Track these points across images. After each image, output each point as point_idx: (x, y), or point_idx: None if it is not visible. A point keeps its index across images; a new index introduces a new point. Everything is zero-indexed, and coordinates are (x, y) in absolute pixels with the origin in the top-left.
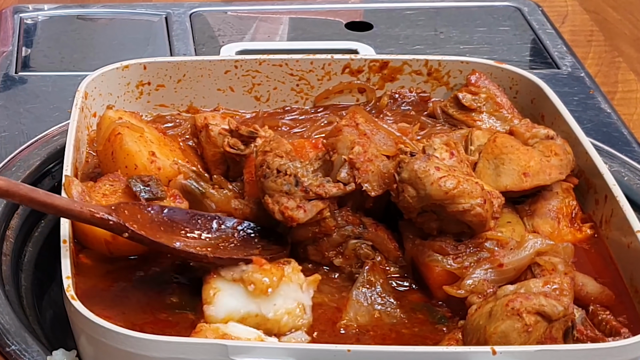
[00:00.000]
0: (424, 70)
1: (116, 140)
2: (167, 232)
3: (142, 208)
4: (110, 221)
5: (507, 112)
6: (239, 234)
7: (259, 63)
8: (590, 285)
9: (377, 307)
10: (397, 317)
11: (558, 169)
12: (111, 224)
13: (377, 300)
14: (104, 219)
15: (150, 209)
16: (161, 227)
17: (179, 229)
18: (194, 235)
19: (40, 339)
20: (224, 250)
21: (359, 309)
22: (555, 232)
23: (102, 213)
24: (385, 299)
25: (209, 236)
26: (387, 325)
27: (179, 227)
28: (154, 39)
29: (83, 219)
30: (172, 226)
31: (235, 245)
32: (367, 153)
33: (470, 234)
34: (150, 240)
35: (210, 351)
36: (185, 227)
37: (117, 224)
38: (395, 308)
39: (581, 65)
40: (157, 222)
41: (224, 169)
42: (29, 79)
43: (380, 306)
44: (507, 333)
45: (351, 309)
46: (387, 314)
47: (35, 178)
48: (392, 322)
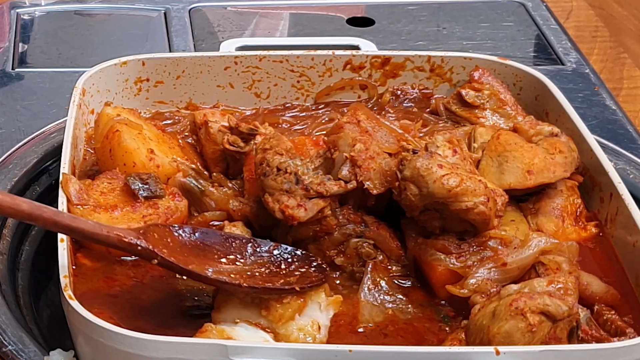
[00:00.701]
0: (426, 66)
1: (114, 137)
2: (199, 257)
3: (172, 231)
4: (139, 247)
5: (511, 108)
6: (275, 258)
7: (259, 59)
8: (595, 285)
9: (388, 305)
10: (410, 312)
11: (562, 166)
12: (139, 250)
13: (387, 299)
14: (132, 244)
15: (182, 231)
16: (192, 251)
17: (212, 252)
18: (227, 259)
19: (38, 339)
20: (259, 277)
21: (372, 310)
22: (559, 230)
23: (130, 238)
24: (395, 297)
25: (243, 261)
26: (402, 321)
27: (212, 251)
28: (153, 35)
29: (110, 243)
30: (205, 249)
31: (271, 271)
32: (368, 150)
33: (474, 232)
34: (180, 268)
35: (210, 351)
36: (218, 250)
37: (146, 250)
38: (407, 304)
39: (586, 62)
40: (188, 245)
41: (224, 166)
42: (26, 75)
43: (391, 304)
44: (510, 333)
45: (364, 310)
46: (400, 310)
47: (32, 176)
48: (407, 317)
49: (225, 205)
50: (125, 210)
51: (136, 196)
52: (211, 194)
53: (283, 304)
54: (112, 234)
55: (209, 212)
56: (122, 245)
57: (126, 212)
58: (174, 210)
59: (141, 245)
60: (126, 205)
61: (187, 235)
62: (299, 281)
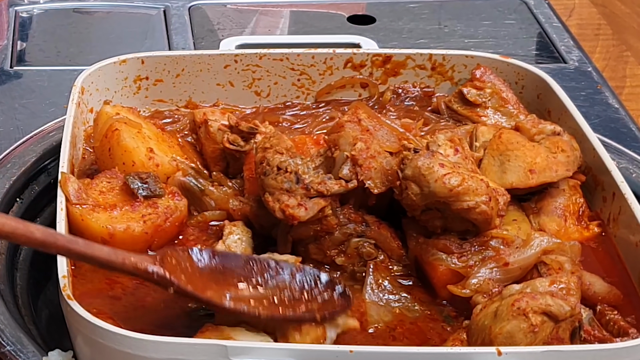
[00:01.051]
0: (427, 64)
1: (113, 136)
2: (218, 282)
3: (192, 255)
4: (155, 275)
5: (513, 107)
6: (297, 282)
7: (259, 57)
8: (598, 285)
9: (394, 304)
10: (418, 311)
11: (565, 165)
12: (156, 278)
13: (392, 298)
14: (148, 272)
15: (201, 255)
16: (212, 275)
17: (231, 276)
18: (247, 283)
19: (36, 340)
20: (280, 303)
21: (379, 310)
22: (562, 230)
23: (146, 264)
24: (399, 295)
25: (264, 285)
26: (409, 320)
27: (231, 275)
28: (152, 33)
29: (126, 270)
30: (224, 273)
31: (292, 296)
32: (369, 149)
33: (475, 232)
34: (197, 297)
35: (210, 352)
36: (238, 274)
37: (162, 278)
38: (412, 302)
39: (588, 60)
40: (207, 270)
41: (224, 165)
42: (24, 74)
43: (397, 303)
44: (512, 333)
45: (372, 311)
46: (407, 308)
47: (30, 175)
48: (415, 316)
49: (225, 205)
50: (124, 210)
51: (135, 195)
52: (211, 193)
53: (302, 334)
54: (127, 261)
55: (208, 212)
56: (138, 273)
57: (125, 211)
58: (173, 210)
59: (158, 274)
60: (125, 205)
61: (206, 259)
62: (321, 308)
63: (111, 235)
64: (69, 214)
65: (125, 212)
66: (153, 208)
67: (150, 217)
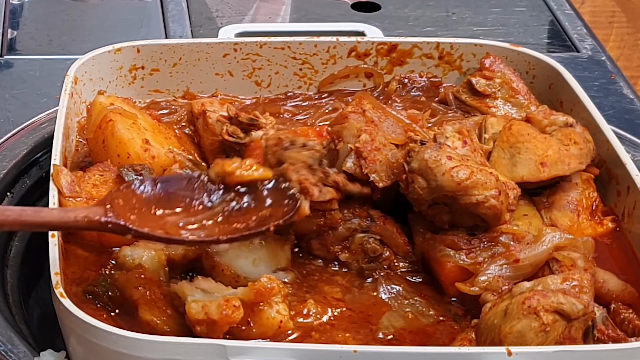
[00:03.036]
0: (435, 53)
1: (107, 127)
2: (167, 210)
3: (134, 189)
4: (109, 224)
5: (524, 98)
6: (242, 191)
7: (260, 46)
8: (612, 282)
9: (407, 309)
10: (432, 316)
11: (577, 158)
12: (110, 227)
13: (404, 302)
14: (102, 222)
15: (143, 187)
16: (160, 205)
17: (178, 200)
18: (196, 205)
19: (27, 339)
20: (232, 217)
21: (391, 316)
22: (574, 225)
23: (98, 216)
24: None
25: (212, 203)
26: (422, 324)
27: (178, 199)
28: (148, 20)
29: (80, 227)
30: (170, 199)
31: (241, 207)
32: (374, 141)
33: (484, 227)
34: (155, 237)
35: (208, 352)
36: (184, 196)
37: (117, 225)
38: (428, 308)
39: (602, 49)
40: (154, 200)
41: (223, 158)
42: (15, 63)
43: (410, 307)
44: (523, 333)
45: (383, 317)
46: (421, 313)
47: (21, 168)
48: (429, 321)
49: None
50: None
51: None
52: None
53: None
54: (79, 217)
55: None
56: (92, 227)
57: None
58: None
59: (111, 222)
60: None
61: (150, 189)
62: (272, 214)
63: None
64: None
65: None
66: None
67: None
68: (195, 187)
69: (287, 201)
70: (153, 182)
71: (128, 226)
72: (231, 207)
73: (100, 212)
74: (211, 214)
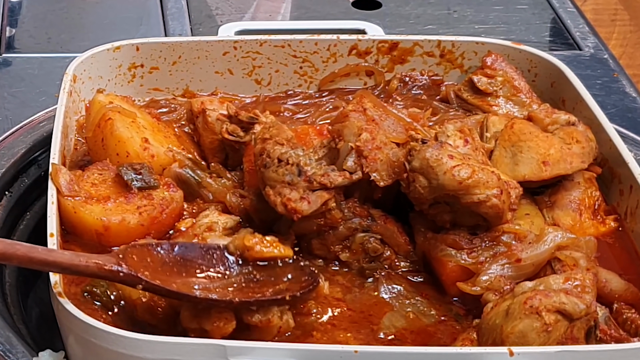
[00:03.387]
0: (436, 51)
1: (107, 126)
2: (182, 274)
3: (151, 249)
4: (121, 273)
5: (526, 96)
6: (261, 265)
7: (260, 44)
8: (615, 282)
9: (408, 309)
10: (434, 316)
11: (580, 157)
12: (122, 276)
13: (405, 302)
14: (113, 271)
15: (160, 248)
16: (174, 268)
17: (194, 267)
18: (212, 273)
19: (26, 339)
20: (248, 288)
21: (392, 316)
22: (576, 224)
23: (110, 265)
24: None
25: (229, 272)
26: (424, 324)
27: (194, 265)
28: (148, 18)
29: (90, 273)
30: (186, 265)
31: (258, 280)
32: (375, 140)
33: (486, 226)
34: (166, 290)
35: (208, 352)
36: (200, 264)
37: (129, 275)
38: (429, 307)
39: (604, 46)
40: (169, 263)
41: (222, 157)
42: (14, 61)
43: (412, 307)
44: (525, 333)
45: (384, 317)
46: (422, 313)
47: (20, 167)
48: (430, 321)
49: (223, 197)
50: (118, 202)
51: (129, 187)
52: (209, 186)
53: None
54: (90, 263)
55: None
56: (103, 274)
57: (119, 203)
58: (169, 201)
59: (123, 272)
60: (119, 197)
61: (166, 252)
62: (289, 288)
63: (106, 228)
64: (60, 207)
65: (120, 204)
66: (148, 199)
67: (146, 208)
68: (214, 256)
69: (306, 277)
70: (170, 245)
71: (140, 277)
72: (248, 279)
73: (112, 260)
74: (227, 283)
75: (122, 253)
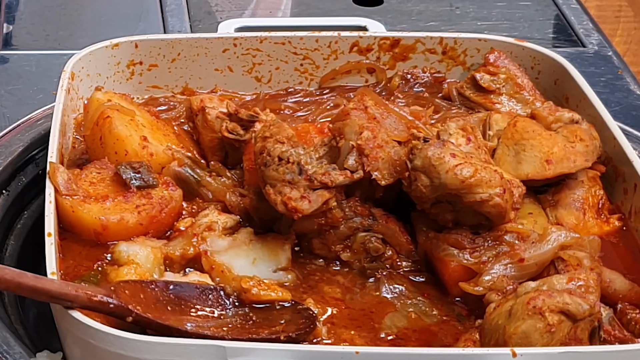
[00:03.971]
0: (438, 48)
1: (105, 124)
2: (175, 313)
3: (144, 286)
4: (111, 304)
5: (529, 94)
6: (258, 307)
7: (260, 41)
8: (619, 282)
9: (410, 309)
10: (436, 316)
11: (583, 155)
12: (112, 308)
13: (407, 302)
14: (103, 302)
15: (154, 286)
16: (168, 307)
17: (188, 307)
18: (206, 313)
19: (23, 340)
20: (243, 329)
21: (394, 316)
22: (580, 224)
23: (100, 296)
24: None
25: (224, 313)
26: (426, 324)
27: (188, 305)
28: (147, 15)
29: (80, 303)
30: (181, 304)
31: (254, 321)
32: (376, 138)
33: (489, 226)
34: (157, 324)
35: (207, 353)
36: (195, 304)
37: (119, 307)
38: (431, 307)
39: (609, 43)
40: (162, 301)
41: (222, 155)
42: (11, 58)
43: (413, 307)
44: (528, 334)
45: (386, 317)
46: (424, 313)
47: (17, 166)
48: (432, 321)
49: (222, 197)
50: (117, 201)
51: (128, 186)
52: (208, 184)
53: None
54: (80, 293)
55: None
56: (92, 305)
57: (118, 202)
58: (168, 200)
59: (113, 303)
60: (118, 196)
61: (160, 289)
62: (285, 330)
63: (104, 227)
64: (58, 206)
65: (118, 203)
66: (147, 199)
67: (145, 207)
68: (209, 297)
69: (304, 320)
70: (165, 284)
71: (130, 309)
72: (243, 320)
73: (103, 292)
74: (222, 323)
75: (114, 286)
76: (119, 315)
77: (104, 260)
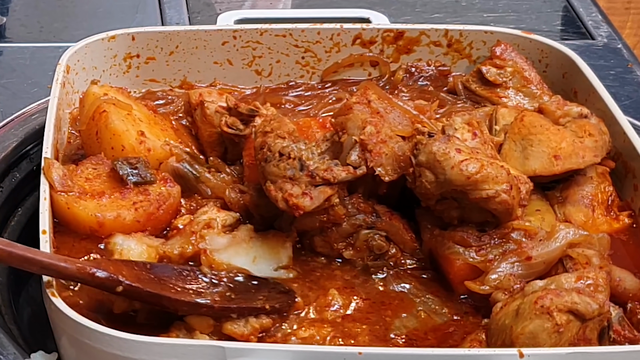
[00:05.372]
0: (443, 41)
1: (101, 118)
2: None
3: (126, 264)
4: (101, 275)
5: (536, 87)
6: (236, 285)
7: (260, 33)
8: (629, 281)
9: (419, 307)
10: (445, 314)
11: (592, 151)
12: (102, 278)
13: (416, 300)
14: (92, 273)
15: (134, 265)
16: (151, 284)
17: (169, 285)
18: (189, 290)
19: (18, 340)
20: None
21: (403, 317)
22: (589, 221)
23: (89, 267)
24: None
25: (204, 291)
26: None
27: (169, 283)
28: (144, 7)
29: (69, 275)
30: (161, 283)
31: (233, 299)
32: (380, 133)
33: (495, 223)
34: (148, 293)
35: (206, 353)
36: (175, 283)
37: (108, 278)
38: (441, 306)
39: (618, 36)
40: (144, 280)
41: (221, 150)
42: (5, 51)
43: (423, 305)
44: (535, 334)
45: (395, 318)
46: (434, 311)
47: (11, 161)
48: (443, 320)
49: (222, 193)
50: (113, 197)
51: (124, 182)
52: (207, 181)
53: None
54: (70, 264)
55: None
56: (81, 276)
57: (114, 198)
58: (166, 197)
59: (103, 274)
60: (114, 192)
61: (140, 269)
62: (265, 303)
63: (100, 224)
64: (53, 203)
65: (115, 200)
66: (144, 195)
67: (142, 204)
68: (188, 277)
69: (280, 295)
70: (144, 264)
71: (119, 279)
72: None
73: (92, 264)
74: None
75: (100, 260)
76: (108, 286)
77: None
